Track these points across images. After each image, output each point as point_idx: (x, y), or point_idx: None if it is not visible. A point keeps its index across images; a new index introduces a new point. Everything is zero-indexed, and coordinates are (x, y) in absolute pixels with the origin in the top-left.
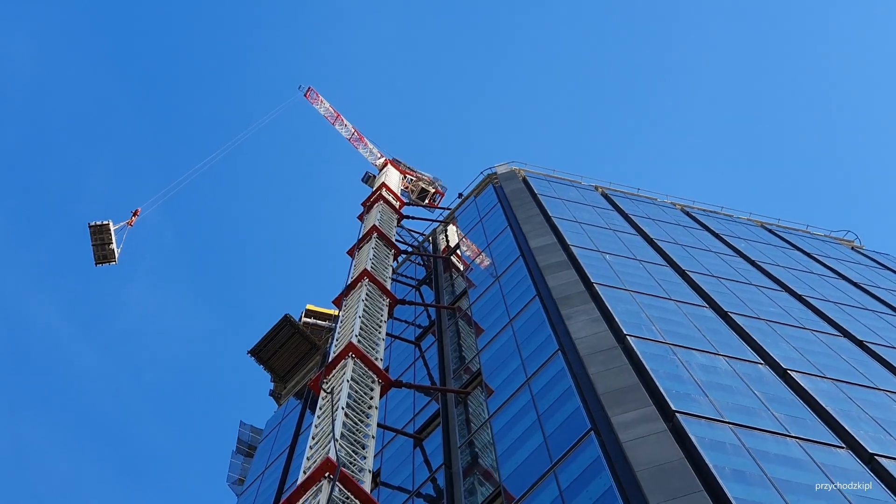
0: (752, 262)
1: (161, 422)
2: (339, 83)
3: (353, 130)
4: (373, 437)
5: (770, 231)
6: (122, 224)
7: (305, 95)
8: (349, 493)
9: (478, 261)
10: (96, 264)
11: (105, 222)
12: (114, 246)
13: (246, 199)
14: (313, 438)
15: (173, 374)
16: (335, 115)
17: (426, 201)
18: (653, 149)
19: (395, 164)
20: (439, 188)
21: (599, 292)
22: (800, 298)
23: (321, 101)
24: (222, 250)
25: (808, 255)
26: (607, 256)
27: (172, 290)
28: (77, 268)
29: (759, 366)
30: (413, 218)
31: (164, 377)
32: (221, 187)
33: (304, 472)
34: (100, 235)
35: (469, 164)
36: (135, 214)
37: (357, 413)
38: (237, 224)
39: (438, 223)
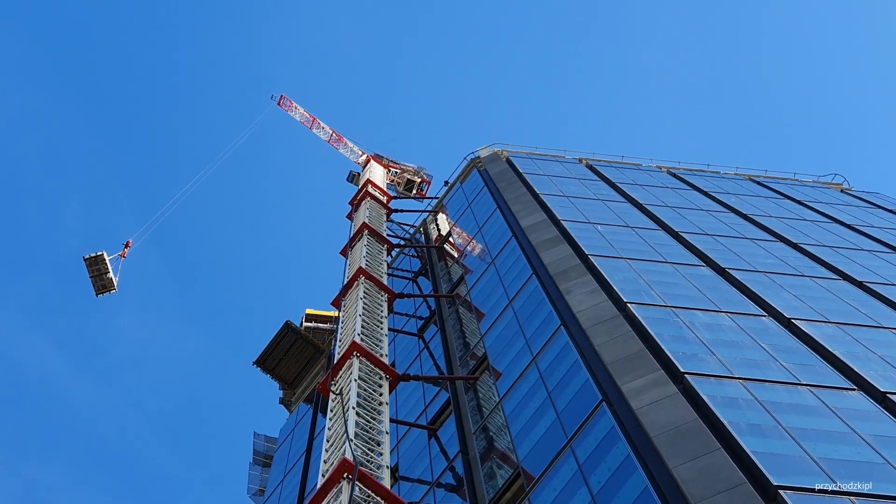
0: (744, 216)
1: (173, 445)
2: (307, 87)
3: (331, 132)
4: (387, 432)
5: (758, 183)
6: (115, 255)
7: (279, 104)
8: (370, 491)
9: (471, 246)
10: (97, 294)
11: (99, 253)
12: (111, 275)
13: (230, 215)
14: (328, 441)
15: (178, 397)
16: (311, 119)
17: (414, 192)
18: (630, 113)
19: (378, 159)
20: (425, 177)
21: (595, 263)
22: (795, 247)
23: (295, 108)
24: (212, 269)
25: (799, 202)
26: (599, 227)
27: (167, 314)
28: (66, 304)
29: (763, 318)
30: (402, 211)
31: (170, 401)
32: (204, 206)
33: (323, 476)
34: (96, 267)
35: (451, 150)
36: (126, 246)
37: (368, 411)
38: (224, 241)
39: (428, 213)
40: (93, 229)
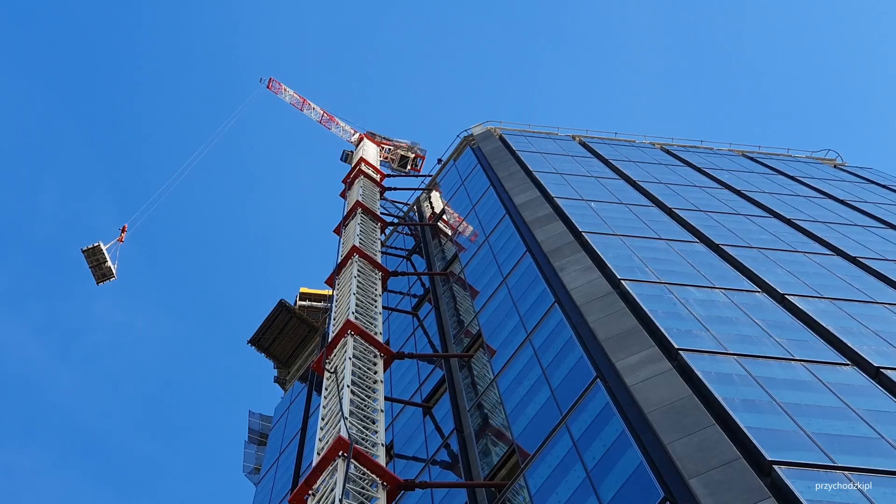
0: (738, 192)
1: (157, 429)
2: (295, 69)
3: (322, 112)
4: (381, 410)
5: (752, 159)
6: (113, 242)
7: (268, 86)
8: (365, 469)
9: (465, 224)
10: (98, 283)
11: (97, 244)
12: (109, 263)
13: (222, 198)
14: (323, 419)
15: (161, 380)
16: (301, 100)
17: (408, 167)
18: (624, 90)
19: (371, 137)
20: (419, 152)
21: (589, 240)
22: (789, 222)
23: (285, 90)
24: (205, 252)
25: (792, 178)
26: (593, 204)
27: (155, 299)
28: (42, 289)
29: (757, 294)
30: (395, 189)
31: (152, 385)
32: (195, 190)
33: (318, 454)
34: (94, 257)
35: (443, 128)
36: (123, 231)
37: (363, 389)
38: (216, 224)
39: (421, 191)
40: (69, 215)
